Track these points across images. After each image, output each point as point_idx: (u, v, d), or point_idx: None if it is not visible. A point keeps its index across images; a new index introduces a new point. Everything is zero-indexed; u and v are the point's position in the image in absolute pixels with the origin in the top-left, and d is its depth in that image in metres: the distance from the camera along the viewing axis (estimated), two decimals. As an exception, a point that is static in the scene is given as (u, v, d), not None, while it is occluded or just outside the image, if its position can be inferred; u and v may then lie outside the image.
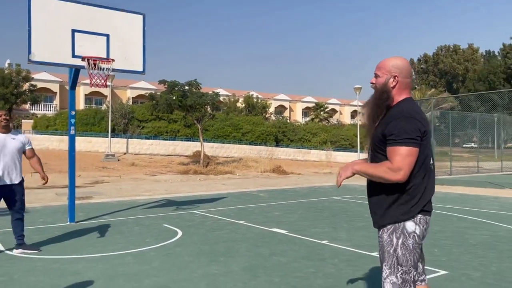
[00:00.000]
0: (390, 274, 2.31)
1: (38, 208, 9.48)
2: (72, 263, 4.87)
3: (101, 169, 22.52)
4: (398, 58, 2.43)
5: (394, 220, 2.31)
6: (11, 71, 36.69)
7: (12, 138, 5.22)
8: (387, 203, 2.34)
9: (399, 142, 2.22)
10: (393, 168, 2.21)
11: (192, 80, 22.72)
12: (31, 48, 6.32)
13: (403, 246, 2.29)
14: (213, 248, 5.56)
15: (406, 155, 2.21)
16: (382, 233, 2.36)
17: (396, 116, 2.30)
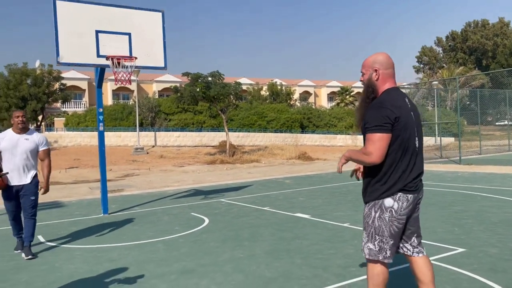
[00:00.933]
0: (368, 241, 2.68)
1: (74, 201, 10.00)
2: (107, 251, 5.23)
3: (131, 163, 23.22)
4: (378, 53, 2.74)
5: (374, 197, 2.65)
6: (43, 72, 37.95)
7: (25, 138, 5.15)
8: (371, 183, 2.69)
9: (370, 129, 2.55)
10: (366, 152, 2.56)
11: (214, 71, 22.98)
12: (59, 51, 6.69)
13: (379, 219, 2.63)
14: (238, 234, 5.82)
15: (376, 140, 2.52)
16: (365, 207, 2.74)
17: (371, 106, 2.64)
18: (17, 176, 5.07)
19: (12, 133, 5.16)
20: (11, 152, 5.05)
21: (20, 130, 5.15)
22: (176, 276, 4.14)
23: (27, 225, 5.17)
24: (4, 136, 5.14)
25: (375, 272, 2.68)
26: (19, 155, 5.08)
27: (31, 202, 5.17)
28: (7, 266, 4.76)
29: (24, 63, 37.74)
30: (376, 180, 2.64)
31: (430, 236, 5.18)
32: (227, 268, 4.30)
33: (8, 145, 5.06)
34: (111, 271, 4.38)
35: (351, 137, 35.95)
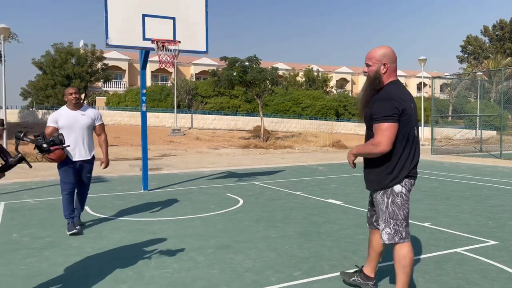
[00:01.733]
0: (385, 227, 2.87)
1: (115, 177, 10.53)
2: (148, 224, 5.58)
3: (168, 143, 23.90)
4: (384, 47, 2.87)
5: (385, 186, 2.85)
6: (86, 51, 39.27)
7: (81, 114, 5.14)
8: (377, 173, 2.88)
9: (378, 119, 2.72)
10: (374, 143, 2.73)
11: (251, 55, 23.11)
12: (108, 33, 7.04)
13: (392, 204, 2.83)
14: (272, 215, 6.04)
15: (384, 130, 2.69)
16: (376, 195, 2.92)
17: (378, 98, 2.80)
18: (78, 152, 5.05)
19: (68, 110, 5.14)
20: (71, 129, 5.04)
21: (75, 107, 5.14)
22: (213, 250, 4.41)
23: (81, 199, 5.31)
24: (60, 113, 5.13)
25: (401, 254, 2.84)
26: (78, 131, 5.07)
27: (89, 179, 5.29)
28: (59, 232, 5.18)
29: (69, 43, 39.16)
30: (383, 169, 2.83)
31: (462, 228, 5.22)
32: (260, 246, 4.53)
33: (67, 122, 5.06)
34: (153, 242, 4.71)
35: (387, 127, 35.29)
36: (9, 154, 2.81)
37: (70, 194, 5.09)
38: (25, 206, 6.86)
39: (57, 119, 5.08)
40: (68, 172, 5.04)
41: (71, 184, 5.06)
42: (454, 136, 20.65)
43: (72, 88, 5.17)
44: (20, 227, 5.47)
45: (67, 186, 5.06)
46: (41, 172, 11.23)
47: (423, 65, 24.60)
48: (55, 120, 5.08)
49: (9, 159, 2.79)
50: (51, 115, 5.19)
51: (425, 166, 12.82)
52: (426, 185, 8.97)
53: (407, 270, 2.83)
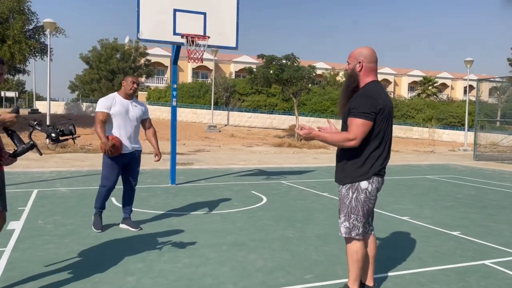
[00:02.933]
0: (344, 221, 2.94)
1: (148, 170, 10.72)
2: (169, 217, 5.61)
3: (203, 139, 24.17)
4: (364, 47, 2.92)
5: (352, 180, 2.90)
6: (131, 47, 40.46)
7: (134, 105, 4.86)
8: (348, 165, 2.91)
9: (356, 114, 2.77)
10: (349, 137, 2.76)
11: (289, 54, 22.92)
12: (140, 27, 7.14)
13: (355, 199, 2.90)
14: (292, 215, 5.92)
15: (360, 125, 2.75)
16: (342, 188, 2.97)
17: (359, 94, 2.85)
18: (127, 143, 4.76)
19: (121, 97, 4.79)
20: (124, 117, 4.73)
21: (129, 96, 4.83)
22: (227, 247, 4.35)
23: (130, 195, 5.00)
24: (113, 99, 4.75)
25: (353, 249, 2.95)
26: (130, 122, 4.77)
27: (137, 172, 5.01)
28: (82, 221, 5.30)
29: (114, 38, 40.47)
30: (354, 163, 2.88)
31: (495, 239, 4.88)
32: (275, 246, 4.43)
33: (121, 110, 4.71)
34: (169, 236, 4.71)
35: (428, 131, 34.10)
36: (22, 141, 2.88)
37: (109, 191, 4.80)
38: (56, 194, 7.09)
39: (111, 105, 4.69)
40: (114, 168, 4.73)
41: (113, 181, 4.76)
42: (500, 141, 19.57)
43: (134, 77, 4.88)
44: (46, 214, 5.65)
45: (109, 182, 4.75)
46: (78, 162, 11.62)
47: (469, 67, 23.54)
48: (108, 106, 4.68)
49: (21, 145, 2.85)
50: (101, 100, 4.73)
51: (465, 173, 12.22)
52: (463, 192, 8.52)
53: (360, 265, 2.96)
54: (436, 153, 21.77)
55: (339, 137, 2.82)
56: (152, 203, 6.59)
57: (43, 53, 22.73)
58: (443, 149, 25.14)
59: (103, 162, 4.78)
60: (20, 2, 20.26)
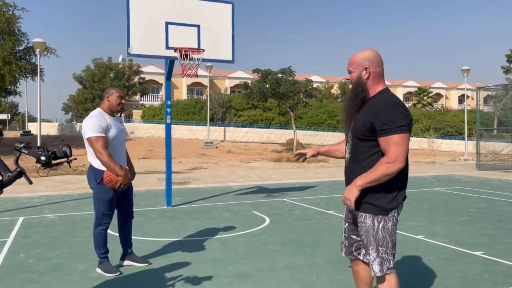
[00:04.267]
0: (377, 257, 2.46)
1: (141, 191, 10.24)
2: (164, 245, 5.13)
3: (200, 156, 23.70)
4: (366, 50, 2.49)
5: (380, 209, 2.42)
6: (124, 66, 40.24)
7: (119, 122, 4.14)
8: (374, 191, 2.40)
9: (393, 131, 2.29)
10: (391, 160, 2.30)
11: (285, 67, 22.69)
12: (130, 42, 6.77)
13: (383, 229, 2.44)
14: (299, 238, 5.46)
15: (401, 142, 2.30)
16: (365, 218, 2.47)
17: (385, 106, 2.35)
18: None
19: (109, 116, 4.00)
20: (119, 142, 4.03)
21: (115, 113, 4.07)
22: (229, 280, 3.89)
23: (130, 225, 4.34)
24: (105, 120, 3.91)
25: (388, 286, 2.48)
26: (122, 143, 4.08)
27: (132, 200, 4.33)
28: (68, 252, 4.83)
29: (109, 58, 40.26)
30: (380, 187, 2.38)
31: (522, 259, 4.45)
32: (284, 276, 3.97)
33: (117, 133, 3.96)
34: (164, 268, 4.25)
35: (427, 141, 33.82)
36: (8, 169, 2.46)
37: (107, 228, 4.06)
38: (43, 222, 6.60)
39: (106, 127, 3.87)
40: (113, 202, 4.00)
41: (111, 216, 4.03)
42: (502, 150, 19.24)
43: (120, 90, 4.06)
44: (30, 246, 5.16)
45: (107, 219, 3.99)
46: (70, 185, 11.13)
47: (466, 75, 23.33)
48: (104, 129, 3.84)
49: (6, 174, 2.42)
50: (92, 121, 3.83)
51: (471, 183, 11.82)
52: (474, 205, 8.10)
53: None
54: (437, 163, 21.41)
55: (379, 169, 2.33)
56: (147, 228, 6.12)
57: (34, 74, 22.35)
58: (443, 159, 24.80)
59: (98, 198, 3.94)
60: (10, 23, 19.97)
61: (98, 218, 3.99)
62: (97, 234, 4.03)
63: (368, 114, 2.39)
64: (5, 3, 20.09)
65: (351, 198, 2.39)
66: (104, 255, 4.10)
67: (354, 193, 2.38)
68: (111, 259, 4.24)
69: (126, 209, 4.26)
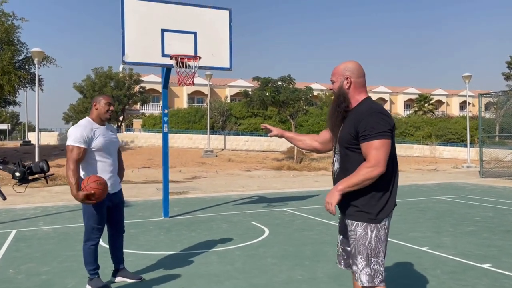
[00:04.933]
0: (366, 266, 2.38)
1: (139, 202, 10.05)
2: (160, 258, 4.94)
3: (200, 165, 23.52)
4: (349, 61, 2.53)
5: (372, 216, 2.35)
6: (125, 75, 40.22)
7: (111, 131, 3.94)
8: (363, 198, 2.37)
9: (373, 136, 2.30)
10: (371, 164, 2.28)
11: (285, 75, 22.58)
12: (125, 50, 6.63)
13: (376, 239, 2.38)
14: (299, 250, 5.26)
15: (380, 147, 2.29)
16: (357, 227, 2.40)
17: (366, 112, 2.36)
18: (114, 182, 3.89)
19: (97, 125, 3.81)
20: (109, 152, 3.83)
21: (103, 122, 3.87)
22: (226, 296, 3.69)
23: (121, 240, 4.13)
24: (92, 129, 3.73)
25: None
26: (112, 156, 3.88)
27: (123, 214, 4.12)
28: (59, 267, 4.64)
29: (109, 67, 40.24)
30: (371, 197, 2.36)
31: (533, 272, 4.25)
32: (283, 292, 3.77)
33: (104, 142, 3.77)
34: (159, 283, 4.06)
35: (429, 148, 33.61)
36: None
37: (98, 243, 3.85)
38: (36, 235, 6.41)
39: (91, 138, 3.68)
40: (103, 215, 3.80)
41: (101, 230, 3.82)
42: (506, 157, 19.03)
43: (107, 97, 3.87)
44: (21, 260, 4.97)
45: (97, 233, 3.78)
46: (67, 195, 10.94)
47: (467, 82, 23.19)
48: (86, 139, 3.64)
49: None
50: (75, 130, 3.67)
51: (476, 191, 11.61)
52: (480, 214, 7.90)
53: None
54: (439, 171, 21.19)
55: (361, 173, 2.30)
56: (142, 241, 5.93)
57: (33, 84, 22.28)
58: (446, 166, 24.57)
59: (86, 211, 3.75)
60: (9, 33, 19.93)
61: (88, 233, 3.79)
62: (87, 250, 3.83)
63: (352, 122, 2.40)
64: (4, 13, 20.07)
65: (333, 202, 2.35)
66: (94, 271, 3.89)
67: (335, 197, 2.35)
68: (103, 274, 4.05)
69: (117, 224, 4.06)
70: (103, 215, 3.82)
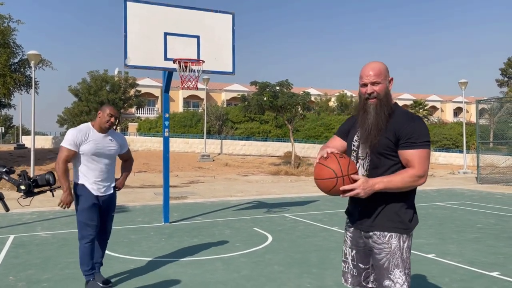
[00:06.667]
0: (405, 280, 2.24)
1: (138, 207, 9.94)
2: (163, 266, 4.85)
3: (197, 169, 23.39)
4: (380, 62, 2.36)
5: (408, 227, 2.26)
6: (120, 78, 40.02)
7: (110, 139, 4.08)
8: (397, 207, 2.26)
9: (421, 144, 2.19)
10: (419, 173, 2.17)
11: (283, 80, 22.57)
12: (127, 53, 6.55)
13: (407, 250, 2.28)
14: (305, 257, 5.19)
15: (426, 158, 2.21)
16: (390, 238, 2.25)
17: (407, 118, 2.26)
18: (99, 187, 3.96)
19: (95, 131, 3.98)
20: (98, 157, 3.95)
21: (104, 130, 4.03)
22: (234, 305, 3.61)
23: (104, 245, 4.19)
24: (86, 134, 3.91)
25: None
26: (104, 161, 4.00)
27: (112, 219, 4.23)
28: (60, 274, 4.53)
29: (105, 70, 40.03)
30: (403, 204, 2.26)
31: (543, 281, 4.20)
32: (292, 301, 3.70)
33: (94, 148, 3.91)
34: (164, 292, 3.97)
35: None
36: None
37: (93, 241, 3.92)
38: (35, 240, 6.29)
39: (81, 142, 3.87)
40: (93, 211, 3.88)
41: (95, 227, 3.90)
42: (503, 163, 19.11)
43: (112, 109, 4.01)
44: (21, 267, 4.86)
45: (90, 230, 3.87)
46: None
47: (464, 88, 23.30)
48: (78, 143, 3.85)
49: None
50: (70, 133, 3.89)
51: (475, 198, 11.60)
52: (482, 220, 7.87)
53: None
54: (436, 176, 21.22)
55: (406, 178, 2.16)
56: (144, 247, 5.82)
57: (28, 87, 22.08)
58: (442, 172, 24.63)
59: (77, 207, 3.87)
60: (5, 36, 19.75)
61: (81, 230, 3.89)
62: (82, 249, 3.89)
63: (392, 127, 2.24)
64: (0, 15, 19.91)
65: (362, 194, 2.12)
66: (90, 272, 3.92)
67: (369, 191, 2.12)
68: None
69: (103, 229, 4.10)
70: (94, 211, 3.90)
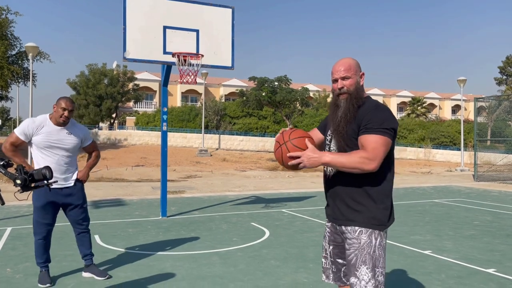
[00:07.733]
0: (372, 278, 2.19)
1: (135, 200, 9.94)
2: (160, 260, 4.86)
3: (194, 164, 23.40)
4: (350, 58, 2.35)
5: (381, 223, 2.22)
6: (119, 72, 39.90)
7: (67, 133, 3.91)
8: (367, 201, 2.21)
9: (376, 130, 2.13)
10: (368, 156, 2.09)
11: (281, 76, 22.55)
12: (126, 46, 6.53)
13: (380, 247, 2.23)
14: (302, 252, 5.21)
15: (382, 144, 2.12)
16: (360, 233, 2.22)
17: (373, 107, 2.22)
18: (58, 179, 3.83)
19: (51, 123, 3.86)
20: (50, 150, 3.84)
21: (60, 124, 3.89)
22: (231, 299, 3.62)
23: (83, 241, 4.16)
24: (39, 126, 3.81)
25: None
26: (59, 154, 3.88)
27: (83, 212, 4.08)
28: (58, 267, 4.53)
29: (103, 64, 39.89)
30: (376, 198, 2.21)
31: (538, 278, 4.23)
32: (289, 296, 3.72)
33: (46, 141, 3.80)
34: (161, 285, 3.97)
35: (423, 150, 33.79)
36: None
37: (45, 238, 3.95)
38: (32, 233, 6.27)
39: (32, 133, 3.77)
40: (47, 209, 3.85)
41: (48, 225, 3.91)
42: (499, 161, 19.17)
43: (66, 102, 3.81)
44: (18, 259, 4.87)
45: (42, 228, 3.89)
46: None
47: (462, 86, 23.33)
48: (28, 134, 3.77)
49: None
50: (24, 122, 3.85)
51: (471, 195, 11.65)
52: (479, 218, 7.91)
53: None
54: (434, 174, 21.29)
55: (354, 158, 2.10)
56: (142, 240, 5.83)
57: (26, 79, 22.00)
58: (439, 169, 24.71)
59: (33, 204, 3.87)
60: (3, 28, 19.64)
61: (34, 226, 3.95)
62: (35, 243, 3.99)
63: (357, 120, 2.22)
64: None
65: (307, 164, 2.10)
66: (43, 264, 4.03)
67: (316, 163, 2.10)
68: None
69: (74, 223, 4.10)
70: (48, 211, 3.88)
